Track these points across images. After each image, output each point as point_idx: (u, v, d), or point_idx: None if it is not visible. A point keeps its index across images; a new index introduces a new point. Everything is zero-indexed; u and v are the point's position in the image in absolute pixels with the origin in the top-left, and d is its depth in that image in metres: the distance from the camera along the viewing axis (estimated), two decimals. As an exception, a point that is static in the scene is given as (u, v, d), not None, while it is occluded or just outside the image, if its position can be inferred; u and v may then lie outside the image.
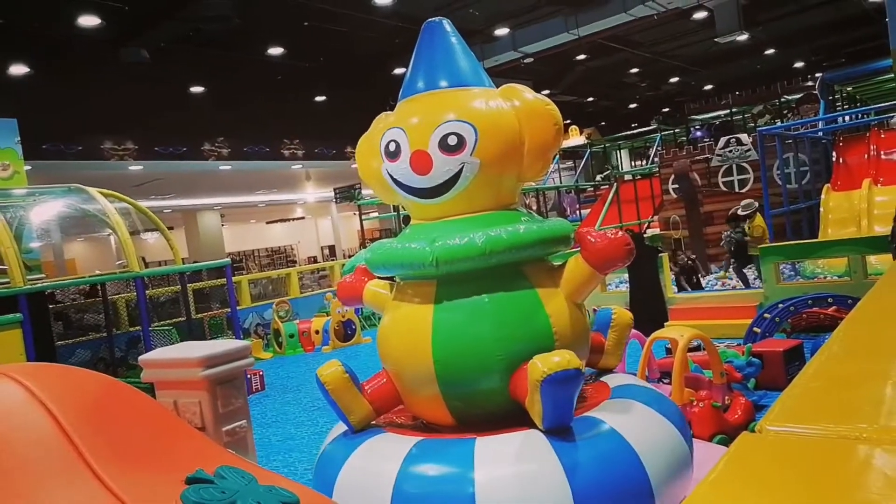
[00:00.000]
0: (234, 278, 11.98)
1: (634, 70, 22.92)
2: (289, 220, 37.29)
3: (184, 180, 21.33)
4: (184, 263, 10.84)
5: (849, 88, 20.66)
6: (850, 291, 7.44)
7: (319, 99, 19.46)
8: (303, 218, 37.46)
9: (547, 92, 20.97)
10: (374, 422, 3.32)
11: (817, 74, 18.44)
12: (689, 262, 10.75)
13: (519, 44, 15.88)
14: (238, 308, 12.25)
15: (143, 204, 10.38)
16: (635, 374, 4.63)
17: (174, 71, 15.39)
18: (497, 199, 3.29)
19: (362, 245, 19.74)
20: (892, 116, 4.10)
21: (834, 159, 14.56)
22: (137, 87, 15.08)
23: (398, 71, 17.04)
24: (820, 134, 14.97)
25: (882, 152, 13.99)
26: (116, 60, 13.87)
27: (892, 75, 19.69)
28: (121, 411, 1.72)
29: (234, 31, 13.56)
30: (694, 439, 3.40)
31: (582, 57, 19.50)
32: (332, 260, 27.22)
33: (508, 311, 3.03)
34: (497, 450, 2.73)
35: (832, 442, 0.86)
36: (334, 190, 20.79)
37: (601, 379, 3.51)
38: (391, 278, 3.47)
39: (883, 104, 18.19)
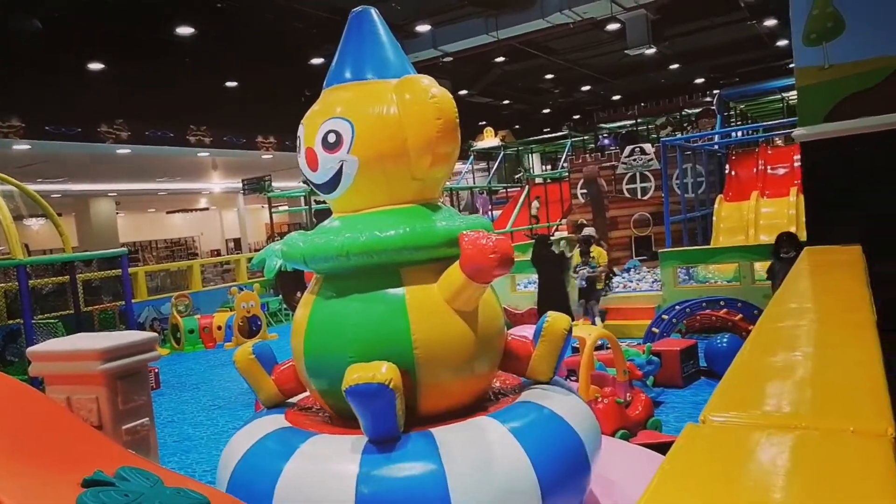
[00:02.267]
0: (129, 269, 11.29)
1: (549, 76, 23.54)
2: (191, 210, 35.57)
3: (76, 163, 19.87)
4: (74, 252, 10.08)
5: (741, 106, 22.22)
6: (740, 295, 8.01)
7: (231, 85, 18.68)
8: (207, 209, 35.86)
9: (464, 92, 21.19)
10: (294, 401, 3.45)
11: (715, 91, 19.66)
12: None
13: (439, 42, 15.92)
14: (133, 301, 11.57)
15: (30, 187, 9.62)
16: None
17: (70, 44, 14.26)
18: (391, 196, 3.19)
19: (270, 238, 19.13)
20: (794, 130, 4.35)
21: (727, 171, 15.60)
22: (28, 59, 13.88)
23: (316, 61, 16.66)
24: (716, 147, 15.98)
25: (769, 167, 15.12)
26: (4, 29, 12.69)
27: (780, 96, 21.38)
28: (7, 408, 1.54)
29: (140, 5, 12.77)
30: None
31: (500, 59, 19.81)
32: (238, 253, 26.25)
33: (367, 312, 2.98)
34: (319, 447, 2.77)
35: (771, 430, 0.89)
36: (243, 181, 20.05)
37: (527, 390, 3.28)
38: None
39: (770, 122, 19.73)
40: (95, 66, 15.62)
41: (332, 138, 3.17)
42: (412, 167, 3.14)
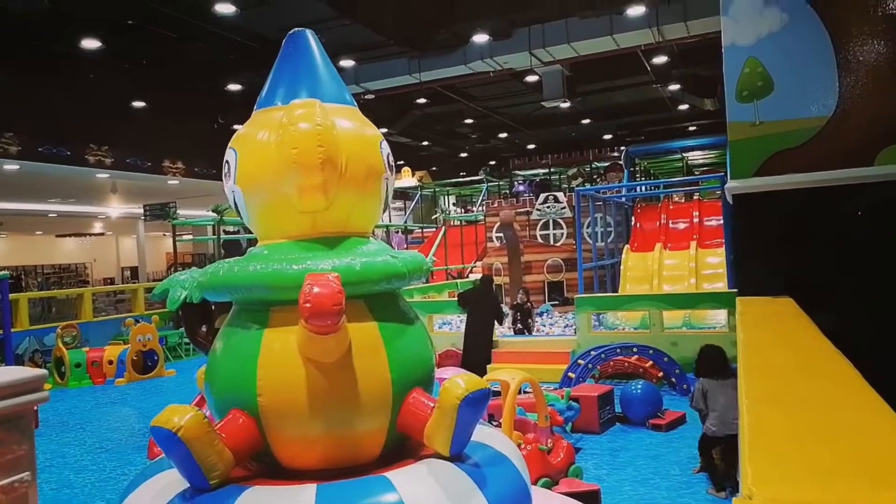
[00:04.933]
0: (10, 295, 10.27)
1: (468, 121, 24.03)
2: (85, 234, 33.19)
3: (-46, 177, 18.12)
4: (-56, 273, 9.03)
5: (645, 163, 23.56)
6: (650, 342, 8.24)
7: (138, 105, 17.74)
8: (102, 234, 33.58)
9: (384, 131, 21.21)
10: None
11: (622, 147, 20.73)
12: (528, 304, 11.13)
13: (362, 79, 15.89)
14: (12, 331, 10.50)
15: None
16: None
17: (-44, 48, 13.11)
18: (283, 228, 3.04)
19: (172, 268, 18.06)
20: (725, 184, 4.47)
21: (633, 223, 16.36)
22: None
23: (232, 87, 16.15)
24: (623, 199, 16.75)
25: (671, 221, 16.00)
26: None
27: (680, 156, 22.84)
28: None
29: (41, 13, 11.93)
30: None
31: (421, 101, 20.02)
32: (135, 283, 24.63)
33: (230, 352, 2.90)
34: (158, 484, 2.74)
35: None
36: (144, 206, 18.92)
37: (412, 465, 2.85)
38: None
39: (671, 179, 21.01)
40: (-17, 73, 14.41)
41: (225, 168, 3.12)
42: (293, 199, 2.94)
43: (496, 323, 9.17)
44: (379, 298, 2.94)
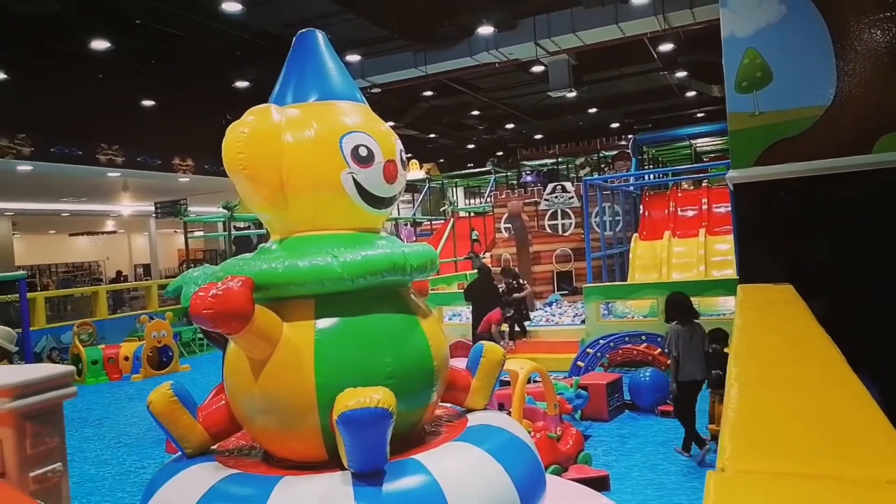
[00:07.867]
0: (28, 294, 10.46)
1: (475, 113, 24.01)
2: (97, 233, 33.49)
3: (-32, 179, 18.35)
4: (-37, 274, 9.21)
5: (653, 151, 23.50)
6: (659, 330, 8.27)
7: (147, 103, 17.88)
8: (115, 232, 33.88)
9: (392, 124, 21.25)
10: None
11: (630, 136, 20.67)
12: (514, 282, 9.99)
13: (368, 73, 15.91)
14: (29, 329, 10.70)
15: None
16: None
17: (-32, 52, 13.28)
18: (270, 226, 3.25)
19: (184, 265, 18.25)
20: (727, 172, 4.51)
21: (641, 212, 16.33)
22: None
23: (240, 84, 16.25)
24: (631, 188, 16.73)
25: (679, 209, 15.96)
26: None
27: (688, 143, 22.76)
28: None
29: (52, 15, 12.07)
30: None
31: (428, 94, 20.04)
32: (148, 280, 24.91)
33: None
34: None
35: (805, 481, 0.85)
36: (155, 204, 19.12)
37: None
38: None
39: (679, 167, 20.94)
40: (-4, 75, 14.59)
41: None
42: None
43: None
44: (337, 298, 2.84)
